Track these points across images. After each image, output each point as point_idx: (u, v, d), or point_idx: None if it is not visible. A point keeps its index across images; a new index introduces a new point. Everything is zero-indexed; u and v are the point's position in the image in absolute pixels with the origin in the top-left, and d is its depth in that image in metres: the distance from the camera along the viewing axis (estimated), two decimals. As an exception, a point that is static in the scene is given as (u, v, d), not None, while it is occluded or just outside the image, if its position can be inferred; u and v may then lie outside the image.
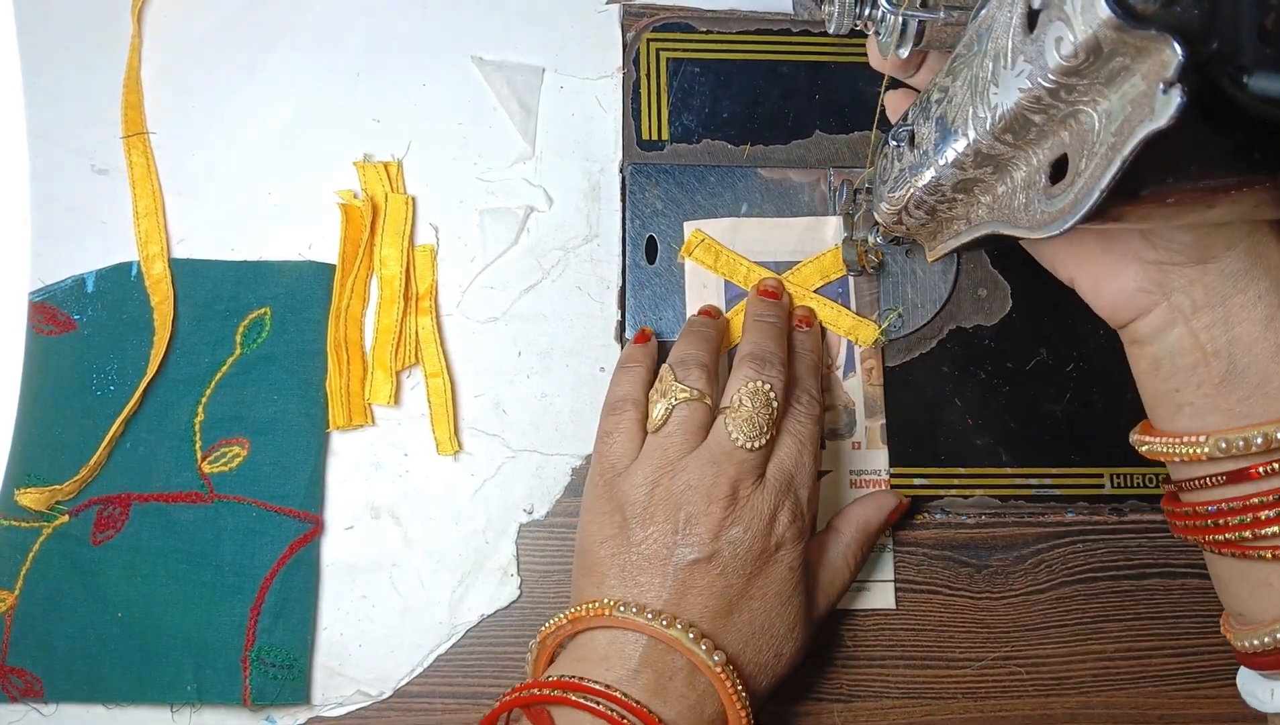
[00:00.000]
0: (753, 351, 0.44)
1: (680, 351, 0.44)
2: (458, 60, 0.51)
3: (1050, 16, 0.27)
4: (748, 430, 0.41)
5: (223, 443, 0.46)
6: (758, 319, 0.46)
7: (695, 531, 0.40)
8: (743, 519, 0.40)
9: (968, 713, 0.47)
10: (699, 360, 0.44)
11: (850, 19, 0.38)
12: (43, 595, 0.45)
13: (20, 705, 0.44)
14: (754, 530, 0.40)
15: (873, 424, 0.48)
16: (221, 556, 0.45)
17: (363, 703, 0.45)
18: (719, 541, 0.40)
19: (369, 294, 0.48)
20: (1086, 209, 0.28)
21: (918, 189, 0.37)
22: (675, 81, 0.51)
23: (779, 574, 0.40)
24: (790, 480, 0.42)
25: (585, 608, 0.39)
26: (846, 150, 0.51)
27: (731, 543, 0.40)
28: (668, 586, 0.39)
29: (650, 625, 0.38)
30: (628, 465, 0.42)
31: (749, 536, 0.40)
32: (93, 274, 0.48)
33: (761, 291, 0.47)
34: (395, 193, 0.49)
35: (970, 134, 0.33)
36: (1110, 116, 0.27)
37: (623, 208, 0.50)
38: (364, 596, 0.46)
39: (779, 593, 0.40)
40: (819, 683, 0.47)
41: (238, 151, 0.50)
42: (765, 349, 0.44)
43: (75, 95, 0.49)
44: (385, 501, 0.47)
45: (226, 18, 0.51)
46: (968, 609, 0.47)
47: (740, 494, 0.40)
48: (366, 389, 0.47)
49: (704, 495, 0.40)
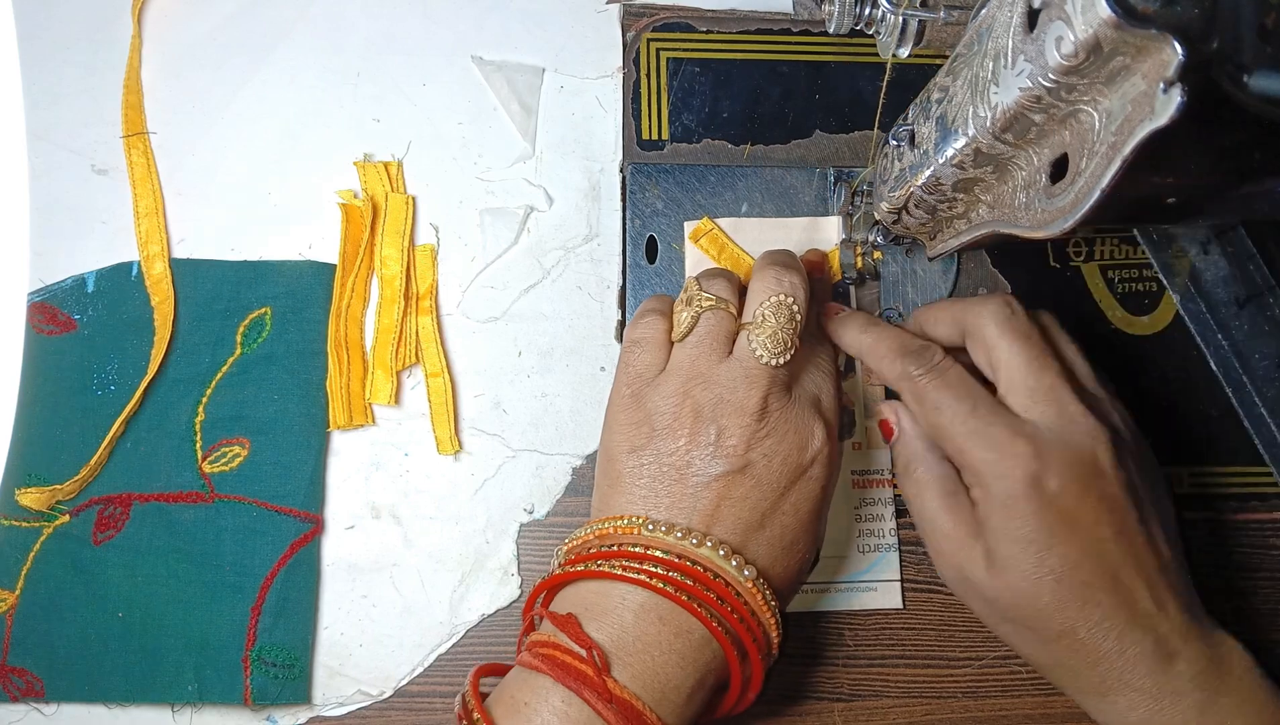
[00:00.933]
0: (773, 260, 0.43)
1: (702, 272, 0.44)
2: (458, 60, 0.51)
3: (1050, 16, 0.27)
4: (772, 346, 0.40)
5: (223, 442, 0.46)
6: (771, 250, 0.46)
7: (727, 443, 0.39)
8: (776, 431, 0.39)
9: (968, 712, 0.47)
10: (723, 273, 0.43)
11: (850, 18, 0.38)
12: (43, 595, 0.45)
13: (21, 705, 0.44)
14: (789, 442, 0.39)
15: (874, 424, 0.48)
16: (222, 556, 0.45)
17: (363, 702, 0.45)
18: (752, 452, 0.39)
19: (369, 294, 0.48)
20: (1087, 208, 0.28)
21: (918, 188, 0.37)
22: (675, 81, 0.51)
23: (812, 491, 0.40)
24: (817, 402, 0.41)
25: (613, 524, 0.39)
26: (846, 150, 0.51)
27: (766, 455, 0.39)
28: (699, 500, 0.39)
29: (680, 544, 0.38)
30: (655, 376, 0.41)
31: (783, 449, 0.39)
32: (93, 274, 0.48)
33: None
34: (395, 192, 0.49)
35: (970, 133, 0.33)
36: (1111, 116, 0.27)
37: (623, 207, 0.50)
38: (364, 596, 0.46)
39: (812, 509, 0.40)
40: (820, 682, 0.47)
41: (238, 151, 0.50)
42: (784, 259, 0.43)
43: (75, 95, 0.49)
44: (386, 501, 0.47)
45: (226, 18, 0.51)
46: (968, 608, 0.47)
47: (771, 407, 0.39)
48: (367, 388, 0.47)
49: (736, 408, 0.39)
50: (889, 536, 0.48)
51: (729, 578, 0.38)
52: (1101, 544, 0.38)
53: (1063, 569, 0.38)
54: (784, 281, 0.41)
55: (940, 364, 0.41)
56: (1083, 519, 0.38)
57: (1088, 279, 0.51)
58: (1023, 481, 0.38)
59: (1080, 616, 0.38)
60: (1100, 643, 0.38)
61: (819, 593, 0.47)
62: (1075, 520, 0.38)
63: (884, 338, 0.43)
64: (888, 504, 0.48)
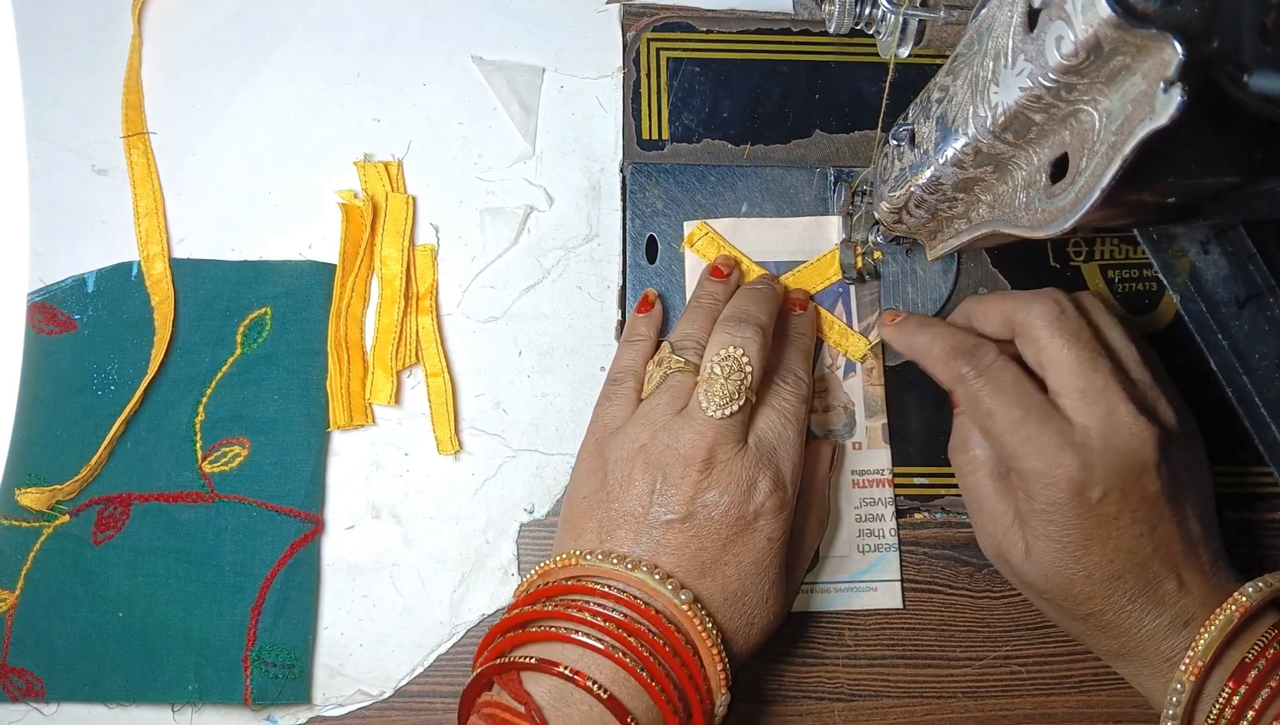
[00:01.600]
0: (730, 313, 0.44)
1: (683, 330, 0.45)
2: (458, 60, 0.51)
3: (1051, 15, 0.27)
4: (717, 399, 0.41)
5: (223, 442, 0.46)
6: (747, 287, 0.47)
7: (671, 493, 0.40)
8: (719, 483, 0.40)
9: (968, 712, 0.47)
10: (697, 339, 0.44)
11: (850, 18, 0.38)
12: (43, 595, 0.45)
13: (21, 705, 0.44)
14: (731, 496, 0.40)
15: (874, 424, 0.48)
16: (222, 556, 0.45)
17: (363, 702, 0.45)
18: (694, 504, 0.40)
19: (369, 294, 0.48)
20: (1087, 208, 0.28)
21: (918, 188, 0.37)
22: (675, 81, 0.51)
23: (757, 543, 0.40)
24: (772, 452, 0.42)
25: (556, 559, 0.40)
26: (847, 150, 0.51)
27: (707, 506, 0.40)
28: (642, 542, 0.40)
29: (616, 570, 0.38)
30: (619, 426, 0.42)
31: (725, 501, 0.40)
32: (93, 274, 0.48)
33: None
34: (395, 192, 0.49)
35: (971, 133, 0.33)
36: (1111, 115, 0.27)
37: (623, 207, 0.50)
38: (365, 596, 0.46)
39: (755, 561, 0.40)
40: (820, 682, 0.47)
41: (238, 151, 0.50)
42: (742, 310, 0.44)
43: (75, 95, 0.49)
44: (386, 501, 0.47)
45: (226, 18, 0.51)
46: (968, 608, 0.47)
47: (718, 459, 0.40)
48: (367, 388, 0.47)
49: (681, 458, 0.40)
50: (889, 536, 0.48)
51: (664, 602, 0.38)
52: (1137, 541, 0.40)
53: (1095, 567, 0.40)
54: (737, 336, 0.42)
55: (993, 367, 0.42)
56: (1121, 522, 0.39)
57: (1088, 279, 0.51)
58: (1067, 491, 0.39)
59: (1107, 604, 0.40)
60: (1123, 622, 0.40)
61: (819, 593, 0.47)
62: (1113, 523, 0.39)
63: (937, 339, 0.43)
64: (888, 504, 0.48)
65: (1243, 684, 0.38)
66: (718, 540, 0.40)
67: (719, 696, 0.39)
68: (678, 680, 0.38)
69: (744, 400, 0.41)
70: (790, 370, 0.45)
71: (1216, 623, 0.39)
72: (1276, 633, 0.39)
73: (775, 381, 0.44)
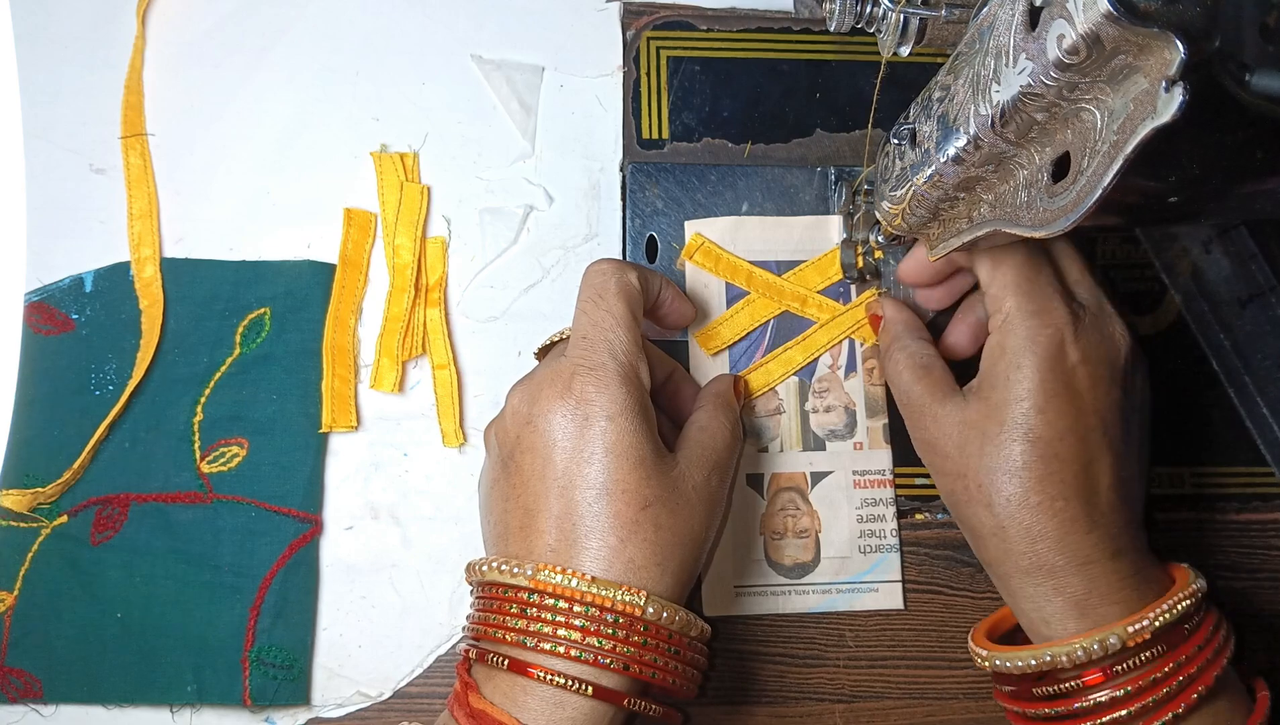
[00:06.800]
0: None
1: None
2: (457, 59, 0.51)
3: (1052, 14, 0.27)
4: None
5: (222, 443, 0.46)
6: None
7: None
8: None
9: (969, 713, 0.46)
10: None
11: (851, 17, 0.38)
12: (42, 596, 0.44)
13: (19, 706, 0.44)
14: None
15: (875, 424, 0.48)
16: (221, 557, 0.45)
17: (362, 703, 0.45)
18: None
19: (363, 306, 0.48)
20: (1088, 207, 0.28)
21: (919, 187, 0.37)
22: (675, 80, 0.51)
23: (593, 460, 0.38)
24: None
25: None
26: (847, 149, 0.51)
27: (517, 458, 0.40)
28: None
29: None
30: None
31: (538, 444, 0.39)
32: (91, 273, 0.48)
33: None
34: (411, 182, 0.49)
35: (972, 131, 0.33)
36: (1112, 114, 0.27)
37: (623, 207, 0.50)
38: (363, 597, 0.46)
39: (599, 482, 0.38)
40: (821, 683, 0.46)
41: (237, 151, 0.50)
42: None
43: (73, 95, 0.49)
44: (385, 502, 0.47)
45: (227, 17, 0.51)
46: (969, 609, 0.47)
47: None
48: (372, 378, 0.47)
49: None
50: (890, 537, 0.47)
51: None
52: (1088, 432, 0.39)
53: (1042, 434, 0.38)
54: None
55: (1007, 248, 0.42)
56: (1082, 401, 0.39)
57: (1089, 278, 0.50)
58: (1048, 339, 0.39)
59: (1039, 488, 0.38)
60: (1048, 521, 0.38)
61: (820, 593, 0.47)
62: (1075, 398, 0.39)
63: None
64: (889, 504, 0.48)
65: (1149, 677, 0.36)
66: (550, 482, 0.38)
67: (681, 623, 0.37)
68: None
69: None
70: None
71: (1180, 606, 0.37)
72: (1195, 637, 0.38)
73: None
